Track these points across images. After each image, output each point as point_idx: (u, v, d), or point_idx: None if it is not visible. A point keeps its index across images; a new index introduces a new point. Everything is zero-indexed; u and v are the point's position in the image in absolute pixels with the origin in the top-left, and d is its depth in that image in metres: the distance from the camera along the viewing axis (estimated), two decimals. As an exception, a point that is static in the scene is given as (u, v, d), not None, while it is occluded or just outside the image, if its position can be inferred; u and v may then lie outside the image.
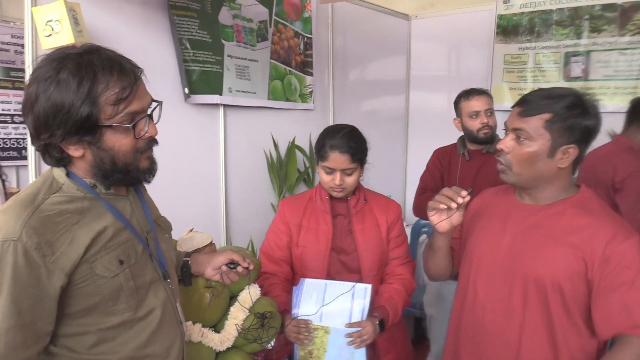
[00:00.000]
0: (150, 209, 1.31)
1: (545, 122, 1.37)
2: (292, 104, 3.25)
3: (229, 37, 2.76)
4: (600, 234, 1.34)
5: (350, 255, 1.95)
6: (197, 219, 2.55)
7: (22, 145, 3.58)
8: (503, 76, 3.84)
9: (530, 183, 1.45)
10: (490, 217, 1.58)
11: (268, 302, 1.74)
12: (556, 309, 1.38)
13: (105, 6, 2.25)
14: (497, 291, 1.48)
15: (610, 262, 1.31)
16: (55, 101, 1.02)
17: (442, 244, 1.61)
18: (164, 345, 1.23)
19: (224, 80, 2.73)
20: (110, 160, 1.10)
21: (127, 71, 1.08)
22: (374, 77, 4.11)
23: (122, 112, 1.07)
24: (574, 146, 1.38)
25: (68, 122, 1.03)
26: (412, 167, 4.44)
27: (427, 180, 2.86)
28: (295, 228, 2.00)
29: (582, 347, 1.39)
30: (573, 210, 1.41)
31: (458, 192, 1.44)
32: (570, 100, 1.38)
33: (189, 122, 2.62)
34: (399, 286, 1.98)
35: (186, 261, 1.54)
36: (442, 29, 4.21)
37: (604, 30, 3.40)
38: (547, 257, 1.39)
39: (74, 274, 1.04)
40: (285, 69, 3.18)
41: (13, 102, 3.57)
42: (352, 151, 1.89)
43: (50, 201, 1.06)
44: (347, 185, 1.91)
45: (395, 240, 2.02)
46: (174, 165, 2.53)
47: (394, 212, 2.05)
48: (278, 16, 3.11)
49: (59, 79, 1.02)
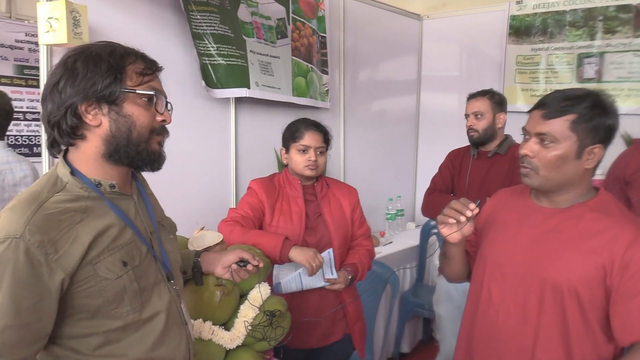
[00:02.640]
0: (154, 209, 1.31)
1: (571, 123, 1.35)
2: (315, 102, 3.26)
3: (249, 33, 2.76)
4: (619, 239, 1.31)
5: (320, 235, 2.15)
6: (208, 217, 2.55)
7: (34, 142, 3.61)
8: (515, 77, 3.82)
9: (556, 186, 1.42)
10: (505, 220, 1.56)
11: (278, 301, 1.74)
12: (572, 315, 1.36)
13: (119, 3, 2.27)
14: (512, 295, 1.46)
15: (630, 268, 1.29)
16: (88, 61, 1.08)
17: (455, 252, 1.60)
18: (170, 347, 1.22)
19: (250, 74, 2.72)
20: (127, 129, 1.11)
21: (151, 60, 1.17)
22: (384, 77, 4.10)
23: (146, 83, 1.13)
24: (599, 146, 1.36)
25: (96, 80, 1.07)
26: (422, 167, 4.43)
27: (436, 181, 2.91)
28: (268, 209, 2.13)
29: (597, 353, 1.37)
30: (592, 214, 1.38)
31: (466, 205, 1.41)
32: (592, 100, 1.36)
33: (200, 119, 2.63)
34: (365, 252, 2.26)
35: (197, 260, 1.54)
36: (454, 29, 4.19)
37: (618, 31, 3.37)
38: (565, 263, 1.36)
39: (76, 275, 1.04)
40: (307, 66, 3.18)
41: (26, 100, 3.60)
42: (324, 131, 2.16)
43: (54, 199, 1.05)
44: (320, 163, 2.12)
45: (358, 220, 2.28)
46: (184, 162, 2.54)
47: (354, 196, 2.29)
48: (295, 14, 3.11)
49: (91, 51, 1.10)
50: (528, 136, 1.43)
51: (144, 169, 1.20)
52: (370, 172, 3.95)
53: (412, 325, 3.68)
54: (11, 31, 3.53)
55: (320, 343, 2.16)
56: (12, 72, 3.54)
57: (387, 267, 3.01)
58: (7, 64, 3.52)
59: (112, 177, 1.16)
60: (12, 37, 3.53)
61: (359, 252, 2.23)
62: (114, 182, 1.16)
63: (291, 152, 2.14)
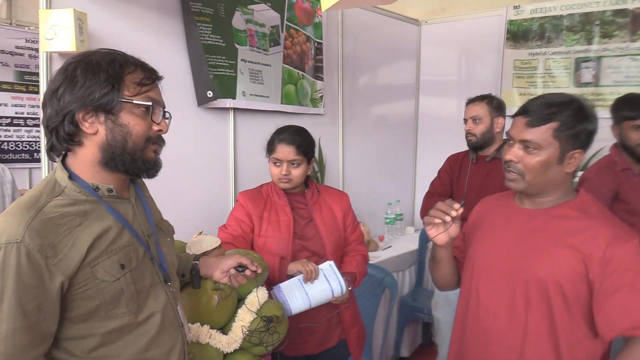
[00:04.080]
0: (152, 212, 1.33)
1: (554, 131, 1.40)
2: (305, 109, 3.27)
3: (242, 41, 2.79)
4: (599, 236, 1.37)
5: (312, 240, 2.14)
6: (207, 221, 2.57)
7: (35, 148, 3.62)
8: (513, 82, 3.84)
9: (540, 189, 1.47)
10: (491, 224, 1.61)
11: (275, 305, 1.75)
12: (559, 311, 1.40)
13: (118, 11, 2.29)
14: (499, 295, 1.49)
15: (611, 265, 1.34)
16: (87, 69, 1.10)
17: (443, 255, 1.64)
18: (164, 349, 1.23)
19: (237, 84, 2.75)
20: (123, 138, 1.13)
21: (151, 69, 1.19)
22: (383, 82, 4.12)
23: (143, 94, 1.14)
24: (580, 151, 1.43)
25: (94, 89, 1.09)
26: (421, 172, 4.44)
27: (435, 185, 2.93)
28: (257, 219, 2.13)
29: (584, 348, 1.41)
30: (573, 213, 1.44)
31: (451, 206, 1.46)
32: (575, 108, 1.41)
33: (199, 127, 2.64)
34: (361, 258, 2.25)
35: (195, 264, 1.56)
36: (452, 34, 4.22)
37: (615, 35, 3.39)
38: (549, 260, 1.41)
39: (75, 277, 1.05)
40: (298, 73, 3.20)
41: (27, 106, 3.61)
42: (296, 143, 2.08)
43: (52, 204, 1.07)
44: (293, 177, 2.09)
45: (351, 225, 2.27)
46: (184, 168, 2.56)
47: (346, 201, 2.28)
48: (290, 21, 3.13)
49: (92, 59, 1.11)
50: (512, 142, 1.48)
51: (140, 176, 1.22)
52: (369, 177, 3.96)
53: (411, 329, 3.68)
54: (11, 37, 3.54)
55: (317, 349, 2.16)
56: (12, 78, 3.55)
57: (386, 271, 3.02)
58: (8, 70, 3.53)
59: (109, 182, 1.17)
60: (13, 43, 3.55)
61: (355, 259, 2.22)
62: (112, 186, 1.17)
63: (269, 163, 2.16)
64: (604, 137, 3.26)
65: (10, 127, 3.52)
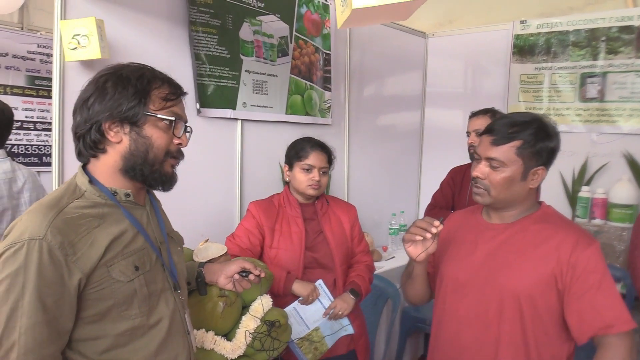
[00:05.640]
0: (164, 222, 1.38)
1: (517, 149, 1.47)
2: (312, 119, 3.29)
3: (248, 52, 2.82)
4: (564, 244, 1.43)
5: (322, 253, 2.18)
6: (213, 230, 2.59)
7: (44, 152, 3.67)
8: (519, 96, 3.85)
9: (505, 204, 1.54)
10: (461, 239, 1.65)
11: (279, 312, 1.77)
12: (530, 320, 1.45)
13: (131, 21, 2.33)
14: (473, 308, 1.54)
15: (577, 269, 1.40)
16: (117, 82, 1.16)
17: (420, 271, 1.67)
18: (172, 355, 1.26)
19: (238, 95, 2.79)
20: (145, 149, 1.19)
21: (177, 85, 1.27)
22: (389, 93, 4.14)
23: (168, 108, 1.21)
24: (542, 168, 1.50)
25: (122, 102, 1.15)
26: (425, 183, 4.45)
27: (437, 198, 2.95)
28: (268, 231, 2.15)
29: (552, 354, 1.46)
30: (536, 225, 1.51)
31: (431, 223, 1.49)
32: (536, 126, 1.48)
33: (206, 136, 2.67)
34: (364, 267, 2.29)
35: (200, 271, 1.58)
36: (459, 47, 4.24)
37: (620, 52, 3.40)
38: (518, 272, 1.47)
39: (92, 276, 1.10)
40: (306, 84, 3.23)
41: (37, 110, 3.66)
42: (329, 152, 2.21)
43: (73, 205, 1.13)
44: (322, 183, 2.17)
45: (357, 237, 2.32)
46: (191, 176, 2.58)
47: (353, 212, 2.34)
48: (299, 32, 3.17)
49: (122, 73, 1.18)
50: (479, 159, 1.54)
51: (156, 188, 1.28)
52: (374, 187, 3.97)
53: (413, 340, 3.68)
54: (23, 42, 3.59)
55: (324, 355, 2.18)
56: (23, 83, 3.61)
57: (389, 281, 3.03)
58: (19, 74, 3.58)
59: (127, 188, 1.23)
60: (24, 48, 3.60)
61: (356, 269, 2.26)
62: (129, 191, 1.23)
63: (295, 170, 2.17)
64: (609, 152, 3.36)
65: (21, 131, 3.57)
